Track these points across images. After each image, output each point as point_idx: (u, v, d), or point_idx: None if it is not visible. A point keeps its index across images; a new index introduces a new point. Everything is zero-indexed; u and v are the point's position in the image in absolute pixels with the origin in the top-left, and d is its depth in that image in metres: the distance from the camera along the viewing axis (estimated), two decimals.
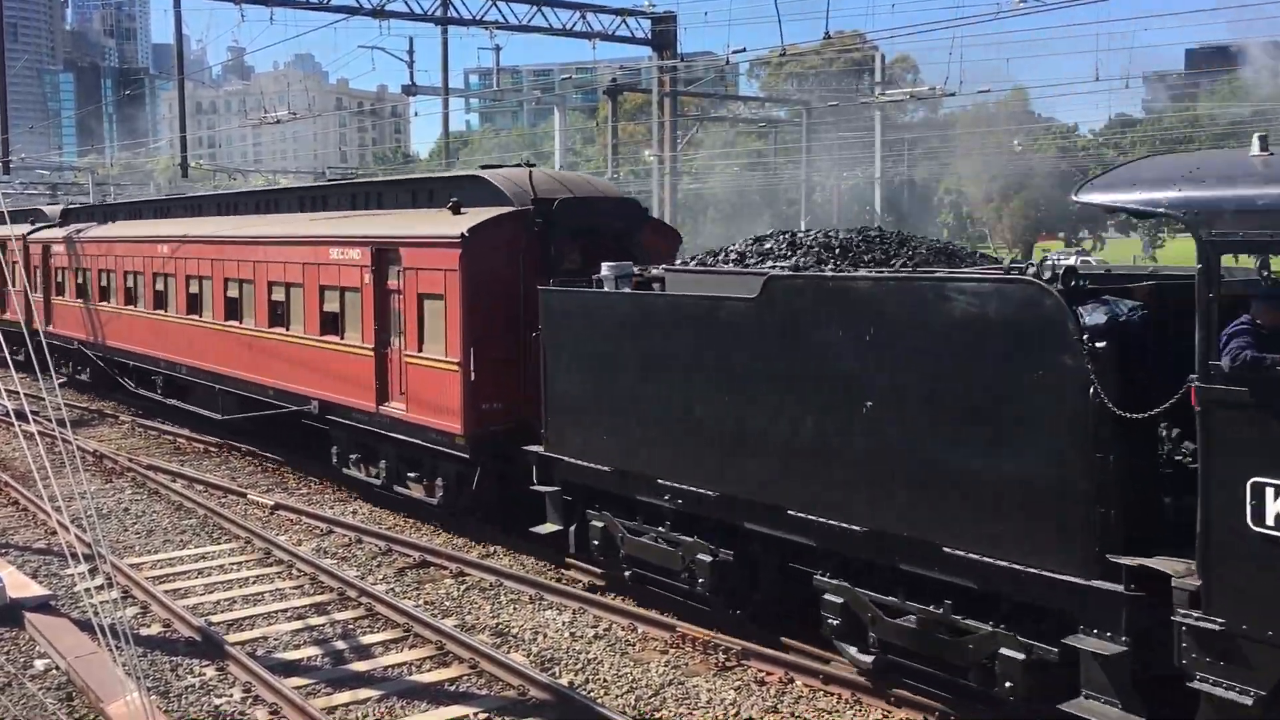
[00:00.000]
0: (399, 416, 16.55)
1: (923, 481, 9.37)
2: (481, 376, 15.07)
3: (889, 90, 44.27)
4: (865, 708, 10.57)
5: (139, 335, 26.43)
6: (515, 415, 15.11)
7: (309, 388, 18.96)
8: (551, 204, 15.56)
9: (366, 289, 17.25)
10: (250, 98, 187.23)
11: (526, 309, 14.68)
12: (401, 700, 10.86)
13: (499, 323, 15.14)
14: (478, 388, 15.09)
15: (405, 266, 16.34)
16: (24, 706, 10.62)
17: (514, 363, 15.15)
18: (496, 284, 15.15)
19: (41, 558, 15.65)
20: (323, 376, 18.50)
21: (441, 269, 15.46)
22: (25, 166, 66.44)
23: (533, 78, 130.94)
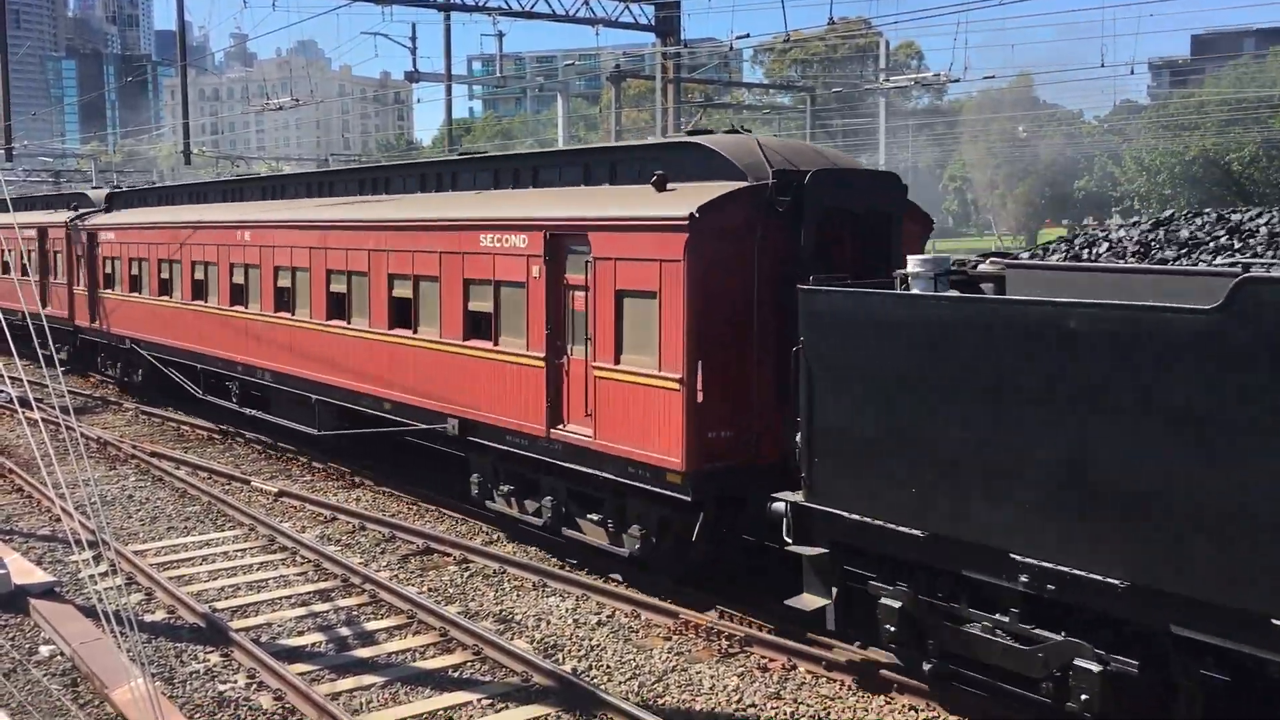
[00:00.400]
0: (581, 443, 13.28)
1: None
2: (710, 397, 11.92)
3: (894, 76, 44.12)
4: (867, 695, 10.59)
5: (210, 335, 23.04)
6: (749, 448, 12.14)
7: (445, 403, 15.75)
8: (798, 177, 12.09)
9: (535, 284, 13.98)
10: (253, 84, 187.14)
11: (761, 311, 12.05)
12: (405, 686, 10.89)
13: (730, 329, 12.03)
14: (705, 411, 11.93)
15: (597, 256, 13.03)
16: (29, 692, 10.65)
17: (747, 380, 12.12)
18: (729, 278, 12.01)
19: (46, 544, 15.69)
20: (466, 390, 15.33)
21: (655, 259, 12.23)
22: (28, 154, 66.45)
23: (536, 64, 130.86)
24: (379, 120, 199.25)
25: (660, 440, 12.17)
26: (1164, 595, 7.89)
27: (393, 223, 17.15)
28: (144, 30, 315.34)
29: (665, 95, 37.13)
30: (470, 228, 15.32)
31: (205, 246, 23.35)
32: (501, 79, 43.69)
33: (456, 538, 15.64)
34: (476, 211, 15.51)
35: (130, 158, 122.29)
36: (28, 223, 33.33)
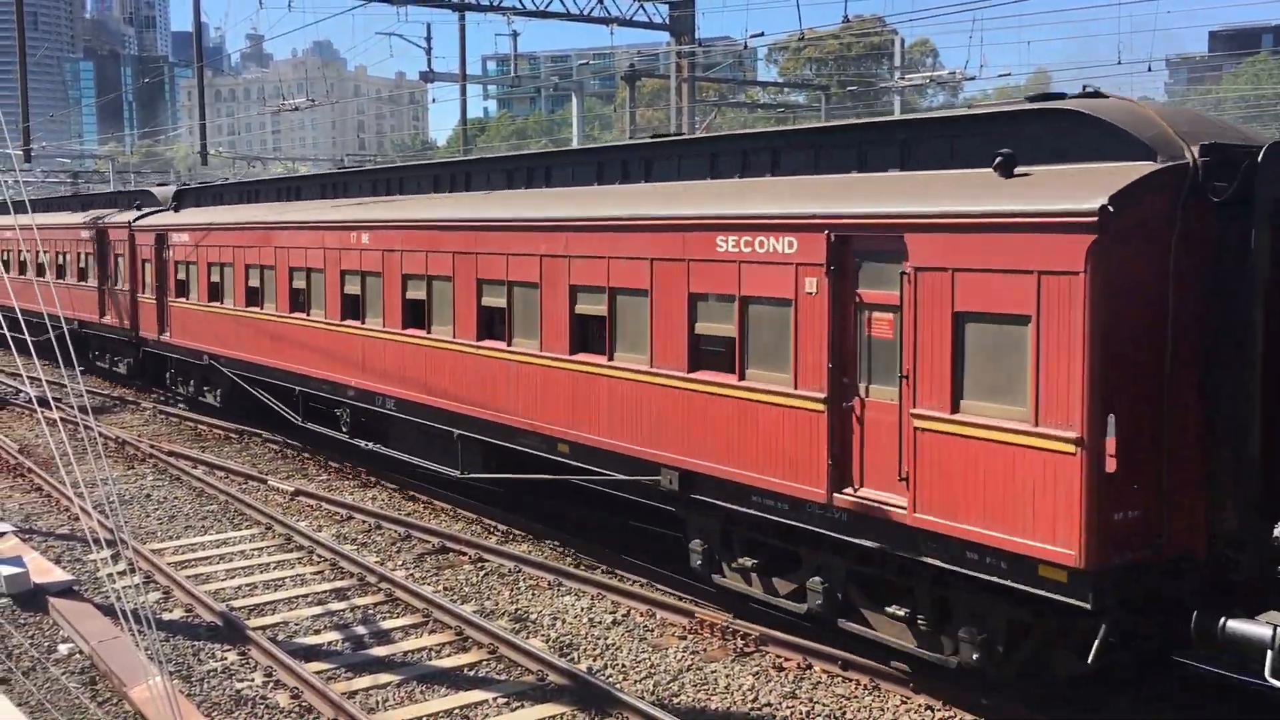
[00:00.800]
0: (886, 514, 10.03)
1: None
2: (1124, 465, 8.67)
3: (909, 74, 43.99)
4: (884, 693, 10.57)
5: (314, 353, 19.65)
6: (1159, 534, 8.91)
7: (657, 450, 12.46)
8: (1240, 155, 8.81)
9: (809, 301, 10.67)
10: (269, 85, 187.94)
11: (1180, 344, 8.84)
12: (421, 685, 10.92)
13: (1143, 369, 8.82)
14: (1114, 485, 8.64)
15: (918, 266, 9.70)
16: (48, 690, 10.72)
17: (1160, 441, 8.90)
18: (1142, 299, 8.75)
19: (65, 543, 15.78)
20: (690, 435, 12.03)
21: (1023, 270, 8.94)
22: (46, 155, 66.85)
23: (550, 64, 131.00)
24: (394, 121, 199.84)
25: (1034, 521, 8.87)
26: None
27: (578, 222, 13.59)
28: (161, 31, 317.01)
29: (680, 94, 37.10)
30: (701, 227, 11.80)
31: (309, 250, 19.72)
32: (516, 78, 43.78)
33: (472, 537, 15.67)
34: (710, 207, 11.91)
35: (147, 158, 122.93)
36: (83, 223, 31.47)
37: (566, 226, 13.78)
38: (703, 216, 11.85)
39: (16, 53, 37.09)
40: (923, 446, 9.70)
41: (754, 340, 11.36)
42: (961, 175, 9.95)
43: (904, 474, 9.84)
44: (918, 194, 9.98)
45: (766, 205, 11.26)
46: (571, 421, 13.69)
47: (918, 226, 9.72)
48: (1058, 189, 8.94)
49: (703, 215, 11.86)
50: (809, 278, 10.67)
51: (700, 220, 11.85)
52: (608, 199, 13.68)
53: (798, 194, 11.17)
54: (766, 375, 11.20)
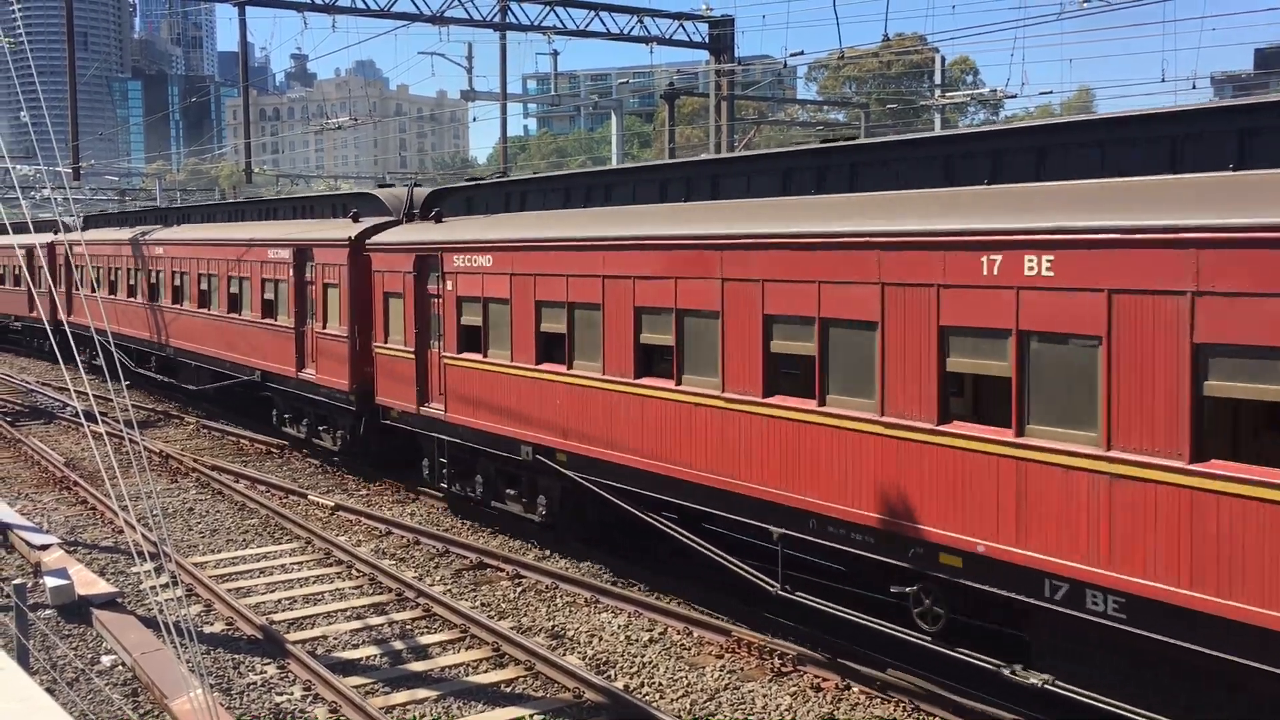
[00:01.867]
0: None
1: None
2: None
3: (949, 92, 43.83)
4: (924, 715, 10.46)
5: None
6: None
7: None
8: None
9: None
10: (312, 104, 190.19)
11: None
12: (458, 700, 10.94)
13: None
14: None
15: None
16: (91, 701, 10.84)
17: None
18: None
19: (109, 555, 15.97)
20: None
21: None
22: (95, 173, 67.99)
23: (590, 82, 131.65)
24: (435, 139, 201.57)
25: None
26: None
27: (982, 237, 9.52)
28: (207, 52, 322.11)
29: (719, 112, 37.15)
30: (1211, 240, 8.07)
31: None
32: (556, 97, 44.01)
33: (509, 553, 15.70)
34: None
35: (193, 176, 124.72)
36: (276, 239, 23.04)
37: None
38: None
39: (67, 72, 37.77)
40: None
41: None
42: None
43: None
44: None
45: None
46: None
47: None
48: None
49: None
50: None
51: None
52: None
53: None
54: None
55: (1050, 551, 9.03)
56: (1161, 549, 8.35)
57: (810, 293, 11.07)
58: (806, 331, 11.16)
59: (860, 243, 10.58)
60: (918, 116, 59.37)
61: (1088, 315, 8.74)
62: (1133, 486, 8.51)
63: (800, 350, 11.33)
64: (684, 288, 12.65)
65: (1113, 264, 8.58)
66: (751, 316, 11.76)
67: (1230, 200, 8.18)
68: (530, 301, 15.21)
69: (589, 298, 14.14)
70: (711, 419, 12.26)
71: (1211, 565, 8.06)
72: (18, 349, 43.62)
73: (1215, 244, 8.02)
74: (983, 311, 9.46)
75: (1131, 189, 9.01)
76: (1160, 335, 8.34)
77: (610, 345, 13.86)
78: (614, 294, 13.74)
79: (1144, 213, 8.53)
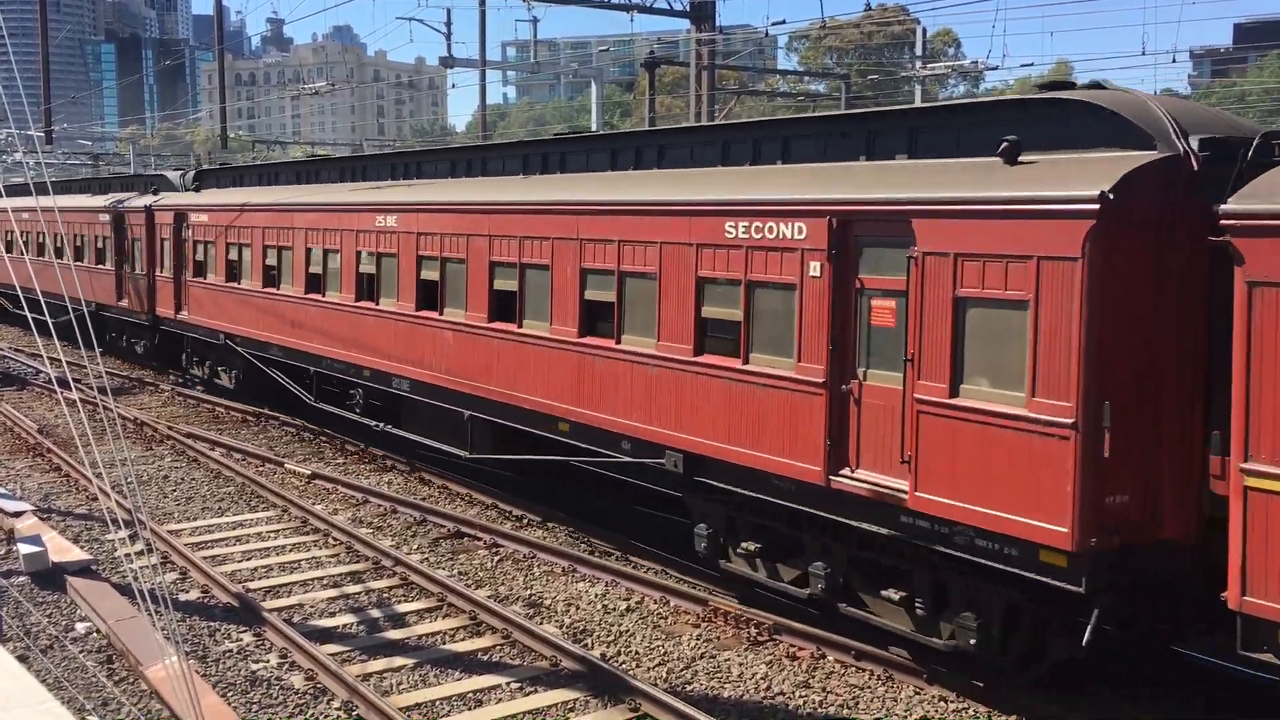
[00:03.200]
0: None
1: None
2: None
3: (930, 64, 43.74)
4: (897, 684, 10.55)
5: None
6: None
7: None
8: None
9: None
10: (289, 69, 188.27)
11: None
12: (435, 669, 10.96)
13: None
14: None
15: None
16: (65, 668, 10.80)
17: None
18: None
19: (83, 523, 15.89)
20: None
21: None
22: (67, 137, 67.16)
23: (570, 50, 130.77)
24: (413, 106, 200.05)
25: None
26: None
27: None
28: (181, 14, 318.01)
29: (699, 82, 36.98)
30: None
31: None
32: (536, 65, 43.66)
33: (487, 522, 15.71)
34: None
35: (167, 141, 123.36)
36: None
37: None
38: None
39: (39, 34, 37.22)
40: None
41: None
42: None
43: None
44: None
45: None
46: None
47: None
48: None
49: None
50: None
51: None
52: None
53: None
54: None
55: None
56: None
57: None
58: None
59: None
60: (898, 88, 59.28)
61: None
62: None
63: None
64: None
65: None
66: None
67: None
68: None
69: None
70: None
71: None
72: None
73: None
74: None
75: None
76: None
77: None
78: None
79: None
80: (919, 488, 9.78)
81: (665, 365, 12.62)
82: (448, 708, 10.17)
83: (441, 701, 10.28)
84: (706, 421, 12.07)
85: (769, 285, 11.37)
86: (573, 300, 14.06)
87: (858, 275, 10.55)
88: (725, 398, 11.85)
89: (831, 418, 10.67)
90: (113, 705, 10.05)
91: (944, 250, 9.62)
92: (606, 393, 13.54)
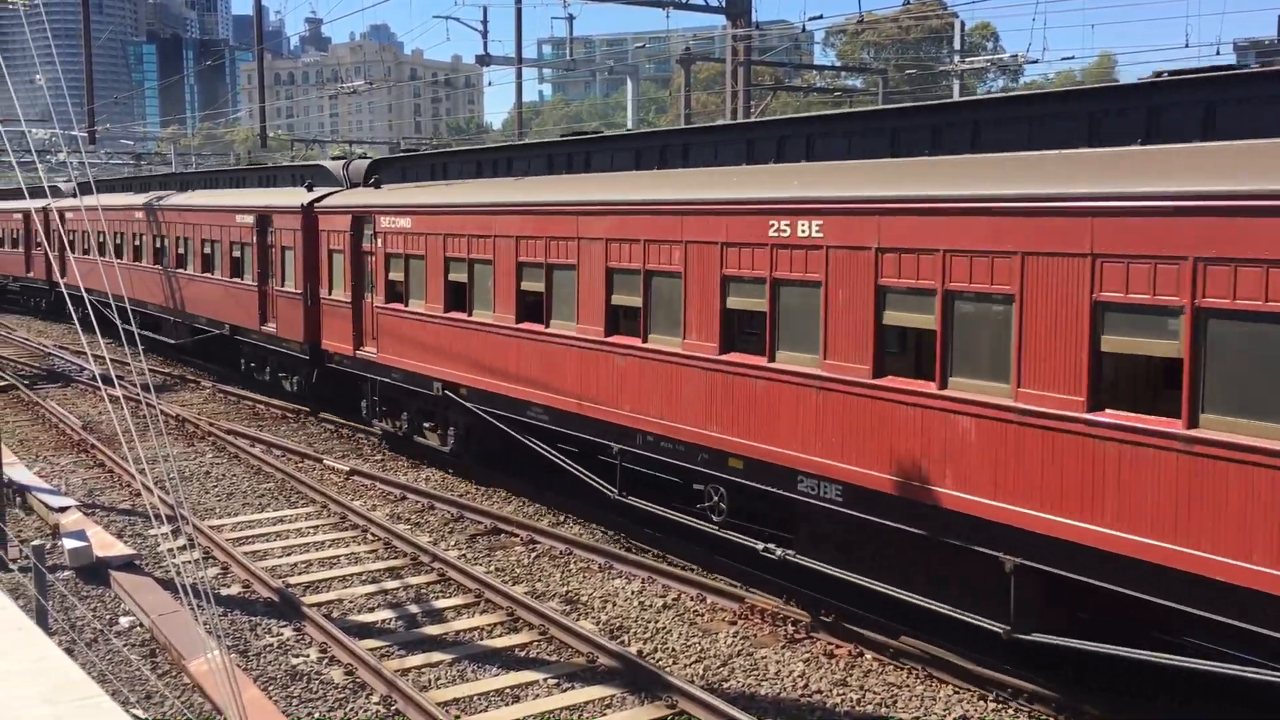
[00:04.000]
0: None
1: None
2: None
3: (969, 58, 43.39)
4: (936, 683, 10.49)
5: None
6: None
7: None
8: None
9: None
10: (327, 68, 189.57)
11: None
12: (473, 664, 11.01)
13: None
14: None
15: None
16: (110, 661, 10.94)
17: None
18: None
19: (126, 518, 16.09)
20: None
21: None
22: (110, 137, 67.99)
23: (606, 47, 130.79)
24: (449, 104, 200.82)
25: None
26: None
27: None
28: (221, 15, 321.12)
29: (735, 78, 36.88)
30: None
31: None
32: (571, 62, 43.74)
33: (524, 518, 15.75)
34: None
35: (207, 140, 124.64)
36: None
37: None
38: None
39: (82, 36, 37.72)
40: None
41: None
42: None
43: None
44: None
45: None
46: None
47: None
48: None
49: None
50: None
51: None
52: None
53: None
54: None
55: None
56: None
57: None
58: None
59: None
60: (936, 83, 58.83)
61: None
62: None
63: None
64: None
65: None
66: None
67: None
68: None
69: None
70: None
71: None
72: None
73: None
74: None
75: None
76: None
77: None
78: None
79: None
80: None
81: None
82: (485, 703, 10.21)
83: (479, 697, 10.32)
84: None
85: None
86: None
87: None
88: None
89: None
90: (156, 698, 10.18)
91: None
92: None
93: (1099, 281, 8.81)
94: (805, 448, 11.25)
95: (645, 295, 13.29)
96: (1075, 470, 8.93)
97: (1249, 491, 7.93)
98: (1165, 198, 8.41)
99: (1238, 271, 7.96)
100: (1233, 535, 8.02)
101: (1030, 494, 9.23)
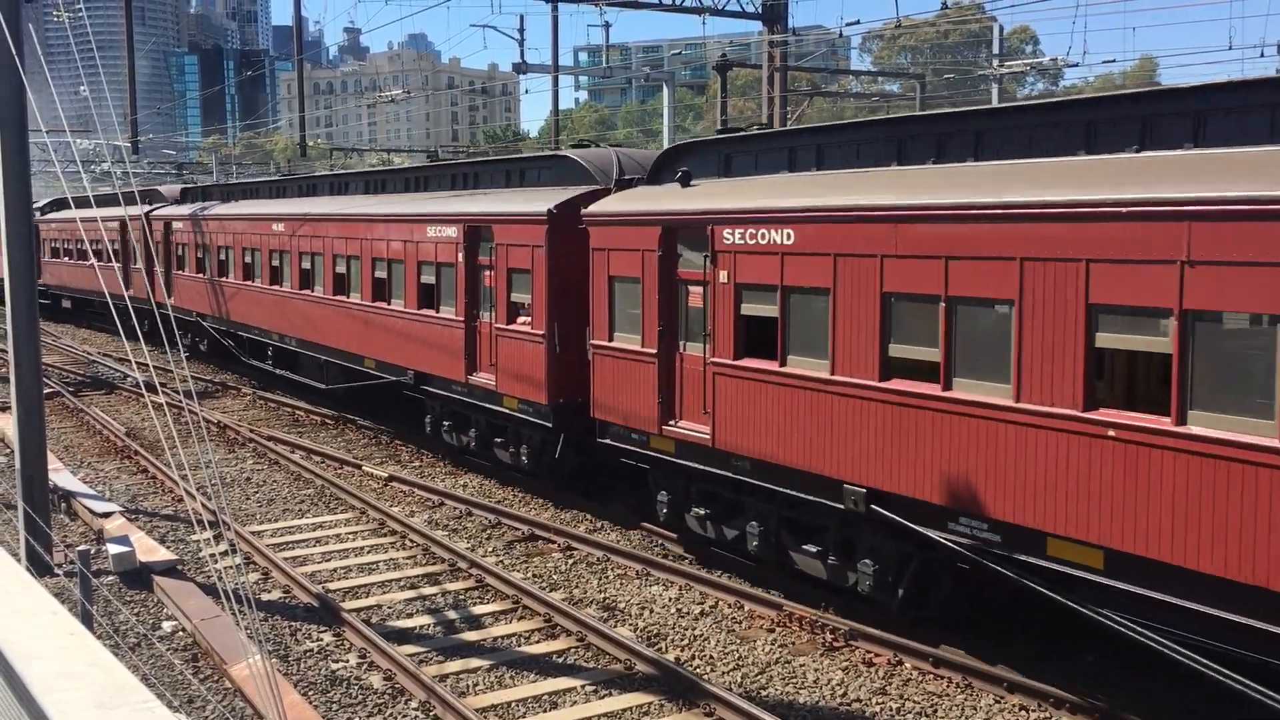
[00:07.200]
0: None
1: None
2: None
3: (1008, 62, 43.05)
4: (977, 693, 10.39)
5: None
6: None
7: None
8: None
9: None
10: (365, 77, 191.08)
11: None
12: (511, 670, 11.03)
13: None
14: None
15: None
16: (153, 665, 11.06)
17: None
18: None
19: (169, 524, 16.26)
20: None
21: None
22: (153, 147, 68.86)
23: (642, 54, 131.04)
24: (486, 112, 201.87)
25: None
26: None
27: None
28: (261, 26, 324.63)
29: (772, 84, 36.82)
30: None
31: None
32: (608, 69, 43.82)
33: (561, 525, 15.78)
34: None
35: (248, 150, 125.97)
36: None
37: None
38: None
39: (125, 47, 38.24)
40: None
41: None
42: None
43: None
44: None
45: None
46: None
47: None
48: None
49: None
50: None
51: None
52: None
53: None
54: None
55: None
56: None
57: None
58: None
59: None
60: (974, 88, 58.45)
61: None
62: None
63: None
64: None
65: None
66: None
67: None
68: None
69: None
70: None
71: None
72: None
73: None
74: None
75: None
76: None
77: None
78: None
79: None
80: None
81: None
82: (523, 709, 10.23)
83: (517, 703, 10.34)
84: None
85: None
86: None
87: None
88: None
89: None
90: (198, 702, 10.27)
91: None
92: None
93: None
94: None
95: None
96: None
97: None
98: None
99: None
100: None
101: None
